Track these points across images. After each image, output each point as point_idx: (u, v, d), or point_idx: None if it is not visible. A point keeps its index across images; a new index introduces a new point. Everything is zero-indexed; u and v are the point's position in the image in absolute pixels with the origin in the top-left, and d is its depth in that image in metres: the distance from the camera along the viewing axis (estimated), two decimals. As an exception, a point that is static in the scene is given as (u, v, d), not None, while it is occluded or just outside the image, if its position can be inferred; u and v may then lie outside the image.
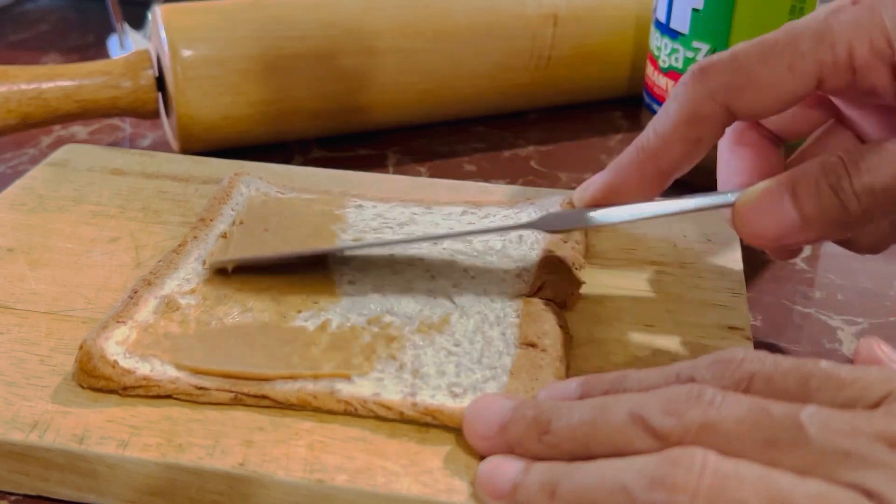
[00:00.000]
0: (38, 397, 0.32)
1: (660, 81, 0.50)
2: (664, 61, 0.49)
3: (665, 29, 0.48)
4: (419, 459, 0.29)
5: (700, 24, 0.46)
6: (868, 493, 0.23)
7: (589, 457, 0.26)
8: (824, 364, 0.26)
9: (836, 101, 0.35)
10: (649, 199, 0.34)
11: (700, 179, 0.51)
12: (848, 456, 0.23)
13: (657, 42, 0.49)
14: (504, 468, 0.28)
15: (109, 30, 0.72)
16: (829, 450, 0.23)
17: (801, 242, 0.32)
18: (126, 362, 0.32)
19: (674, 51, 0.48)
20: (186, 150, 0.52)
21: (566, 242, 0.39)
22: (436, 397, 0.31)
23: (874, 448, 0.23)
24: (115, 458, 0.29)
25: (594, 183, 0.35)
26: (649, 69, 0.51)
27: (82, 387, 0.32)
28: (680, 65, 0.48)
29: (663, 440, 0.25)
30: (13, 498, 0.31)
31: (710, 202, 0.33)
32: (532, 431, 0.28)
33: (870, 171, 0.29)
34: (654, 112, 0.51)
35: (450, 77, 0.55)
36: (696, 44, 0.47)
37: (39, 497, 0.31)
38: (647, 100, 0.52)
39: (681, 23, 0.47)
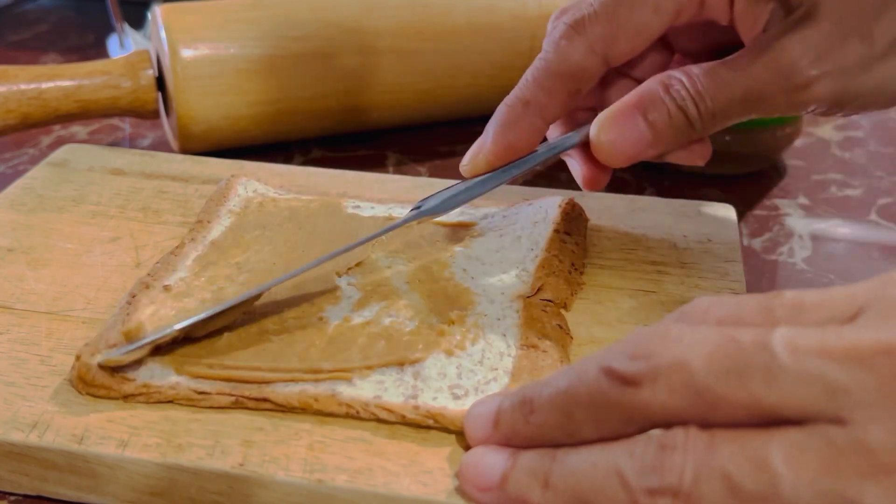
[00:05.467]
0: (38, 397, 0.32)
1: None
2: None
3: None
4: (419, 459, 0.29)
5: None
6: (840, 421, 0.22)
7: (576, 429, 0.26)
8: (788, 293, 0.25)
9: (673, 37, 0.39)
10: (532, 151, 0.37)
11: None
12: (820, 381, 0.23)
13: None
14: (489, 459, 0.27)
15: (109, 30, 0.72)
16: (802, 375, 0.23)
17: (649, 158, 0.36)
18: (125, 370, 0.32)
19: None
20: (186, 150, 0.52)
21: (566, 244, 0.39)
22: (437, 400, 0.31)
23: (845, 370, 0.22)
24: (115, 458, 0.29)
25: (484, 148, 0.37)
26: None
27: (81, 394, 0.32)
28: None
29: (636, 384, 0.25)
30: (13, 498, 0.31)
31: (563, 143, 0.37)
32: (519, 415, 0.27)
33: (710, 95, 0.34)
34: None
35: (450, 77, 0.55)
36: None
37: (39, 497, 0.31)
38: None
39: None
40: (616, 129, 0.35)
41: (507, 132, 0.36)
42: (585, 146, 0.37)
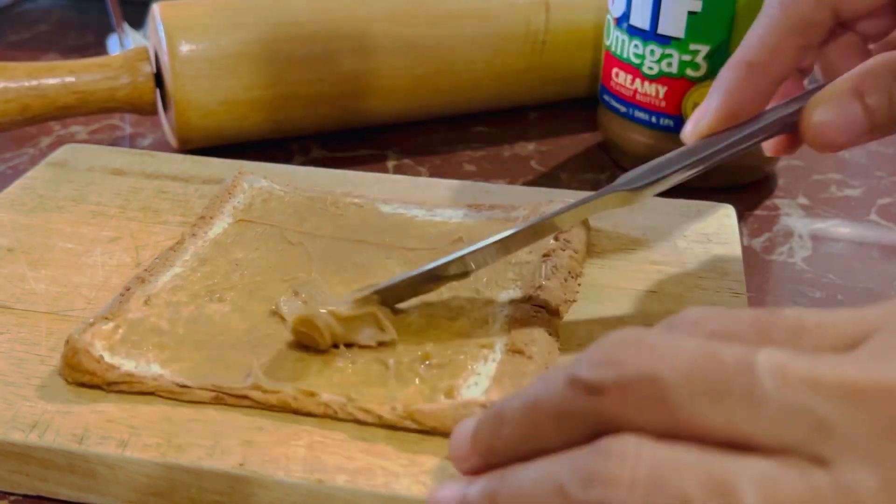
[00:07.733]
0: (39, 397, 0.32)
1: (648, 89, 0.49)
2: (651, 68, 0.48)
3: (650, 36, 0.47)
4: (419, 459, 0.29)
5: (698, 27, 0.46)
6: (821, 462, 0.20)
7: (544, 442, 0.24)
8: (789, 311, 0.23)
9: None
10: (757, 114, 0.34)
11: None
12: (805, 414, 0.20)
13: (636, 50, 0.48)
14: (446, 490, 0.26)
15: (109, 30, 0.72)
16: (786, 405, 0.20)
17: (863, 142, 0.33)
18: (112, 359, 0.32)
19: (665, 56, 0.47)
20: (185, 141, 0.52)
21: (564, 251, 0.38)
22: (416, 401, 0.30)
23: (836, 406, 0.20)
24: (115, 458, 0.29)
25: (709, 111, 0.34)
26: (623, 77, 0.50)
27: (67, 382, 0.32)
28: (674, 70, 0.47)
29: (600, 393, 0.22)
30: (13, 498, 0.31)
31: (777, 116, 0.34)
32: (492, 428, 0.25)
33: None
34: (616, 112, 0.51)
35: (445, 62, 0.55)
36: (693, 46, 0.46)
37: (39, 497, 0.31)
38: (631, 110, 0.51)
39: (673, 27, 0.46)
40: (830, 112, 0.32)
41: (733, 95, 0.34)
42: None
